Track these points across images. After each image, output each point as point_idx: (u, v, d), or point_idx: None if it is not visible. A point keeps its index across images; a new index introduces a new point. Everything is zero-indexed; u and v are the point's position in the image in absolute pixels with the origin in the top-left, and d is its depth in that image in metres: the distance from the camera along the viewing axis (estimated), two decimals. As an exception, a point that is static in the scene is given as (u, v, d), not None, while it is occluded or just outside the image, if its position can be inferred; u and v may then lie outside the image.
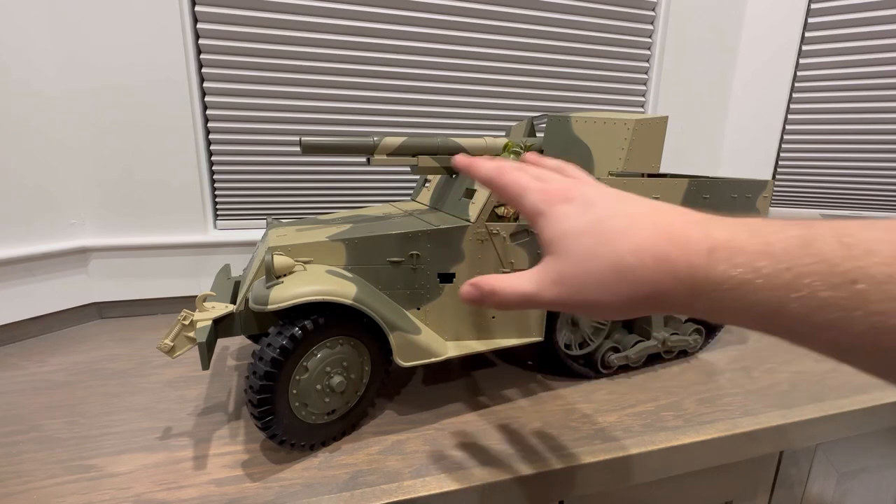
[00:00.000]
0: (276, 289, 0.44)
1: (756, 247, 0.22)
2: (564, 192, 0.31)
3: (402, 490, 0.43)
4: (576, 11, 1.00)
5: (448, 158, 0.64)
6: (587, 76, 1.05)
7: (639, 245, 0.26)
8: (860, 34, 0.99)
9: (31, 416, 0.55)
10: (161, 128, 0.81)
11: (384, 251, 0.52)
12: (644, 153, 0.63)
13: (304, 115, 0.90)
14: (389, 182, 0.99)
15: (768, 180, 0.72)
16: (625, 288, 0.26)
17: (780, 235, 0.22)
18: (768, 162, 1.14)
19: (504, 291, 0.31)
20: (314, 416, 0.48)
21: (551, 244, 0.30)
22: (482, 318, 0.57)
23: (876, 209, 1.05)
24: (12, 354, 0.72)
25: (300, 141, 0.55)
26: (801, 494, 0.66)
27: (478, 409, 0.57)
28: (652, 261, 0.25)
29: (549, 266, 0.30)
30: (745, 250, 0.23)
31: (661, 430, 0.54)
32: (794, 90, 1.09)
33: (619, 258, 0.26)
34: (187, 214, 0.86)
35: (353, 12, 0.87)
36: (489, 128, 1.02)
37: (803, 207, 1.13)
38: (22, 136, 0.73)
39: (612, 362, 0.65)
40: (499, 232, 0.55)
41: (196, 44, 0.81)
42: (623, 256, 0.26)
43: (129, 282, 0.86)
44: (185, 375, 0.66)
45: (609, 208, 0.29)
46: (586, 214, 0.29)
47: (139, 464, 0.47)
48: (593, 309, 0.28)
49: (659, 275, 0.25)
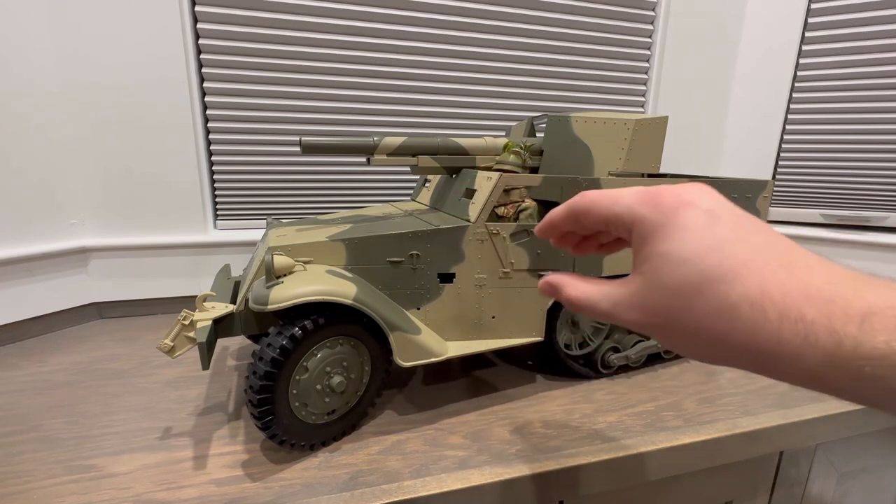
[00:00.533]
0: (276, 289, 0.44)
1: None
2: (677, 193, 0.25)
3: (402, 490, 0.43)
4: (576, 11, 1.00)
5: (448, 158, 0.64)
6: (587, 76, 1.05)
7: (763, 291, 0.21)
8: (860, 34, 0.99)
9: (31, 416, 0.55)
10: (161, 128, 0.81)
11: (384, 251, 0.52)
12: (644, 153, 0.63)
13: (304, 115, 0.90)
14: (389, 182, 0.99)
15: (768, 180, 0.72)
16: (730, 338, 0.22)
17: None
18: (768, 162, 1.14)
19: (579, 303, 0.28)
20: (314, 416, 0.48)
21: (646, 261, 0.24)
22: (482, 318, 0.57)
23: (876, 209, 1.05)
24: (12, 354, 0.72)
25: (300, 141, 0.55)
26: (801, 494, 0.66)
27: (478, 409, 0.57)
28: (777, 316, 0.20)
29: (634, 288, 0.25)
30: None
31: (661, 430, 0.54)
32: (794, 90, 1.08)
33: (730, 302, 0.21)
34: (187, 214, 0.86)
35: (352, 12, 0.87)
36: (489, 128, 1.02)
37: (803, 207, 1.13)
38: (22, 136, 0.73)
39: (612, 362, 0.65)
40: (499, 232, 0.55)
41: (196, 44, 0.81)
42: (737, 301, 0.21)
43: (129, 282, 0.86)
44: (185, 375, 0.66)
45: (735, 229, 0.23)
46: (708, 231, 0.23)
47: (139, 464, 0.47)
48: (680, 350, 0.24)
49: (785, 334, 0.20)
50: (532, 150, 0.70)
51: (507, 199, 0.56)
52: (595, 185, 0.57)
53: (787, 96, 1.09)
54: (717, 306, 0.22)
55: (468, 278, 0.55)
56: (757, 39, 1.11)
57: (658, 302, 0.24)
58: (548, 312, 0.59)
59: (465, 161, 0.65)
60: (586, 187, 0.57)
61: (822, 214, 1.11)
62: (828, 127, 1.06)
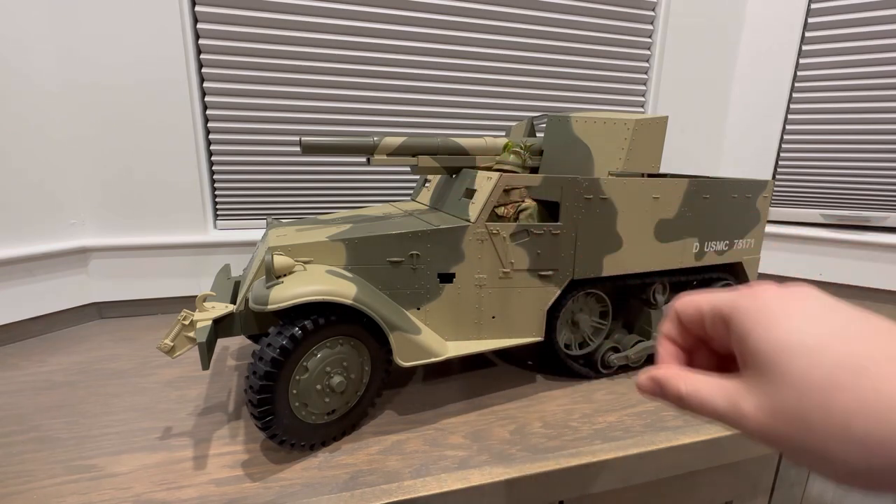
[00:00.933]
0: (276, 289, 0.44)
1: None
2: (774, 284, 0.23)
3: (402, 490, 0.43)
4: (576, 11, 1.00)
5: (448, 158, 0.64)
6: (587, 76, 1.05)
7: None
8: (860, 34, 0.99)
9: (31, 416, 0.55)
10: (161, 127, 0.81)
11: (384, 251, 0.52)
12: (644, 153, 0.63)
13: (304, 115, 0.90)
14: (389, 182, 0.99)
15: (768, 180, 0.72)
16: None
17: None
18: (768, 162, 1.14)
19: (690, 401, 0.24)
20: (314, 416, 0.48)
21: (757, 353, 0.21)
22: (482, 318, 0.57)
23: (876, 209, 1.05)
24: (12, 354, 0.72)
25: (300, 141, 0.55)
26: (801, 494, 0.66)
27: (478, 409, 0.57)
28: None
29: (753, 383, 0.21)
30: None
31: (661, 430, 0.54)
32: (794, 90, 1.08)
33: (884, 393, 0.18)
34: (187, 214, 0.86)
35: (352, 12, 0.87)
36: (489, 128, 1.02)
37: (803, 207, 1.13)
38: (22, 135, 0.73)
39: (612, 362, 0.65)
40: (499, 232, 0.55)
41: (196, 44, 0.81)
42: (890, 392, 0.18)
43: (129, 282, 0.86)
44: (185, 375, 0.66)
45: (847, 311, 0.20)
46: (824, 317, 0.20)
47: (139, 464, 0.47)
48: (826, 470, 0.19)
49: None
50: (532, 150, 0.70)
51: (507, 199, 0.56)
52: (595, 185, 0.57)
53: (787, 96, 1.09)
54: (866, 401, 0.18)
55: (468, 278, 0.55)
56: (757, 39, 1.11)
57: (786, 401, 0.19)
58: (548, 312, 0.59)
59: (465, 161, 0.65)
60: (586, 187, 0.57)
61: (822, 214, 1.11)
62: (828, 127, 1.06)
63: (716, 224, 0.68)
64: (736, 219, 0.70)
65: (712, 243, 0.68)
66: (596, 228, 0.59)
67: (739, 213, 0.70)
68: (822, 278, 1.08)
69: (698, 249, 0.67)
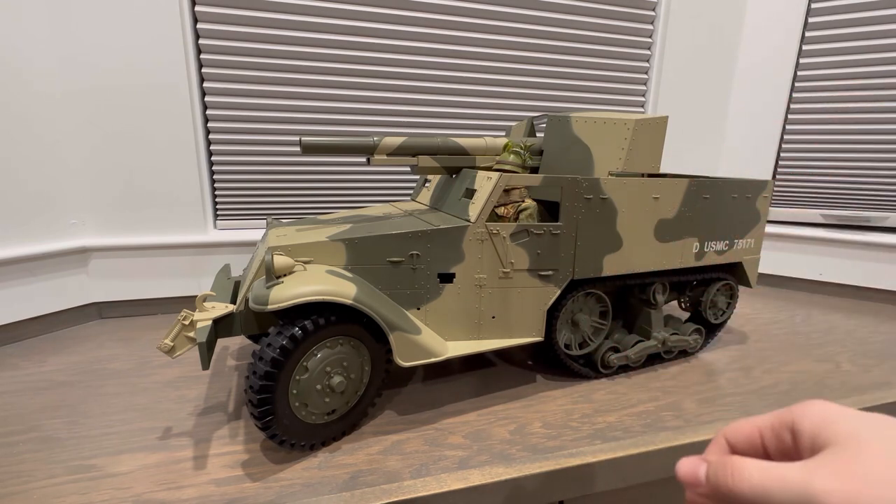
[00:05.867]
0: (276, 289, 0.44)
1: None
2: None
3: (402, 490, 0.43)
4: (576, 11, 1.00)
5: (448, 158, 0.64)
6: (587, 76, 1.05)
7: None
8: (860, 34, 0.99)
9: (31, 416, 0.55)
10: (161, 128, 0.81)
11: (384, 251, 0.52)
12: (644, 153, 0.63)
13: (304, 115, 0.90)
14: (389, 182, 0.99)
15: (768, 180, 0.72)
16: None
17: None
18: (768, 162, 1.14)
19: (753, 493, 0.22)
20: (314, 416, 0.48)
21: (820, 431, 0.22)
22: (482, 318, 0.57)
23: (876, 209, 1.05)
24: (12, 354, 0.72)
25: (300, 141, 0.55)
26: (801, 494, 0.66)
27: (478, 409, 0.57)
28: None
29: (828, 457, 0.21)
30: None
31: (661, 430, 0.54)
32: (794, 90, 1.09)
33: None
34: (187, 214, 0.86)
35: (353, 12, 0.87)
36: (489, 128, 1.02)
37: (803, 207, 1.13)
38: (23, 136, 0.73)
39: (612, 362, 0.65)
40: (499, 232, 0.55)
41: (196, 44, 0.81)
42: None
43: (129, 282, 0.86)
44: (185, 375, 0.66)
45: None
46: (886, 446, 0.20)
47: (139, 464, 0.47)
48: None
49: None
50: (532, 150, 0.70)
51: (507, 199, 0.56)
52: (595, 185, 0.57)
53: (787, 96, 1.09)
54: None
55: (468, 278, 0.55)
56: (757, 39, 1.11)
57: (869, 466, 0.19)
58: (548, 312, 0.59)
59: (465, 161, 0.65)
60: (586, 187, 0.57)
61: (822, 214, 1.11)
62: (828, 127, 1.06)
63: (716, 224, 0.68)
64: (736, 219, 0.70)
65: (712, 243, 0.69)
66: (596, 228, 0.59)
67: (739, 212, 0.70)
68: (822, 278, 1.08)
69: (698, 249, 0.67)
